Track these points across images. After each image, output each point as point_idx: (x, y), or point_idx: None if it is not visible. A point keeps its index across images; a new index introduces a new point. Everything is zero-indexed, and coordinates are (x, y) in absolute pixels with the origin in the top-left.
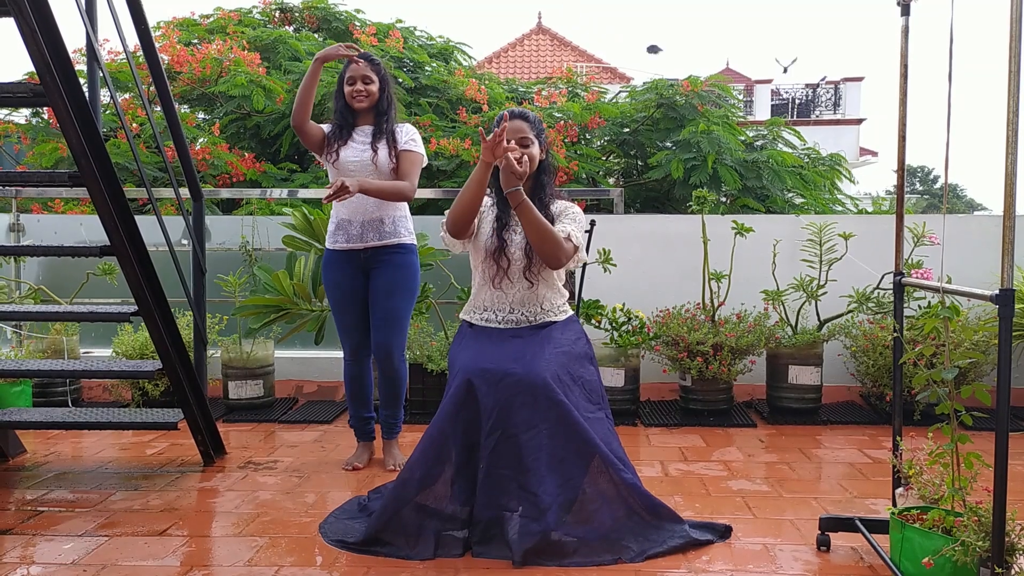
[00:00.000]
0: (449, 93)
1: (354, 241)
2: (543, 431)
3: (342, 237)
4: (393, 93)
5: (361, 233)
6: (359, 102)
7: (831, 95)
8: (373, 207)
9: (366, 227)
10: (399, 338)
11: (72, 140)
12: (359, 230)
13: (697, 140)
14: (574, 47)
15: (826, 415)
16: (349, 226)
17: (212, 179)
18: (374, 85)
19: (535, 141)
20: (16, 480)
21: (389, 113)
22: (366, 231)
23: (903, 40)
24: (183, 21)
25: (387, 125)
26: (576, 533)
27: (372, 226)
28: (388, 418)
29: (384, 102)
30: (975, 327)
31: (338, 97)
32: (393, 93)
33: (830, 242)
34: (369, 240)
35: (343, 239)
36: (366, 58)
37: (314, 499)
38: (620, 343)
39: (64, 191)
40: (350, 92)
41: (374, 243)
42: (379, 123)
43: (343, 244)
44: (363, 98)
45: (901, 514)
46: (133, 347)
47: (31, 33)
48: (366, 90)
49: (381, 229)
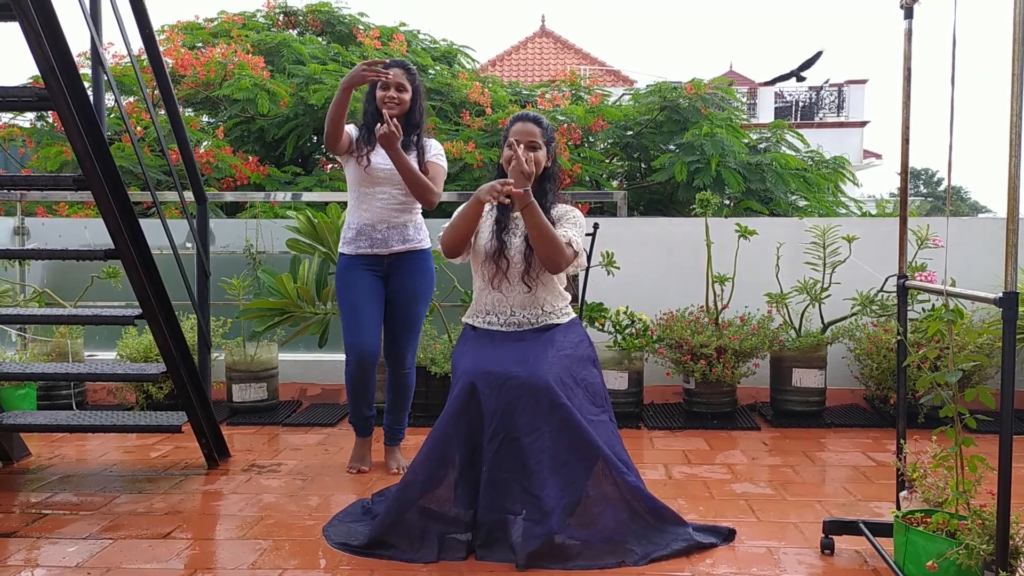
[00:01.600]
0: (452, 96)
1: (378, 246)
2: (546, 434)
3: (365, 243)
4: (425, 105)
5: (386, 238)
6: (390, 109)
7: (835, 97)
8: (397, 213)
9: (391, 232)
10: (414, 344)
11: (77, 144)
12: (384, 235)
13: (701, 143)
14: (577, 50)
15: (830, 418)
16: (373, 231)
17: (216, 182)
18: (407, 94)
19: (543, 147)
20: (20, 483)
21: (421, 125)
22: (391, 236)
23: (906, 43)
24: (187, 25)
25: (418, 138)
26: (580, 536)
27: (397, 231)
28: (392, 423)
29: (416, 113)
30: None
31: (370, 100)
32: (425, 105)
33: (834, 245)
34: (394, 245)
35: (366, 244)
36: (401, 66)
37: (318, 502)
38: (623, 346)
39: (68, 194)
40: (382, 97)
41: (399, 248)
42: (409, 133)
43: (366, 249)
44: (394, 105)
45: (905, 517)
46: (137, 350)
47: (36, 37)
48: (398, 98)
49: (405, 234)
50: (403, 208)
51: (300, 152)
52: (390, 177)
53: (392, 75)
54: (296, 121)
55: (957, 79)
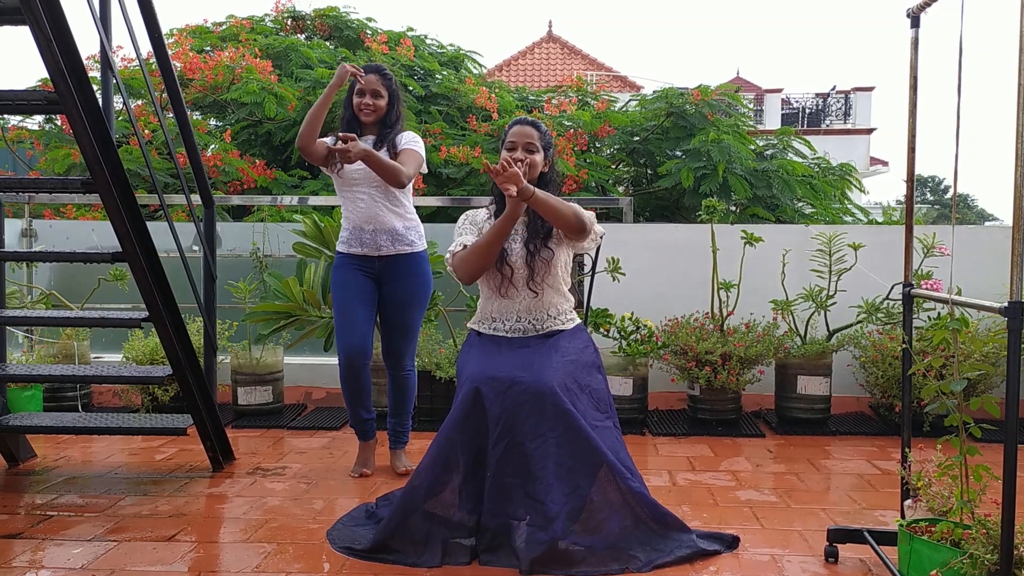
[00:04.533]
0: (459, 101)
1: (368, 248)
2: (550, 440)
3: (356, 243)
4: (402, 109)
5: (375, 241)
6: (366, 115)
7: (841, 104)
8: (387, 215)
9: (381, 235)
10: (411, 346)
11: (85, 147)
12: (373, 238)
13: (707, 149)
14: (584, 55)
15: (835, 426)
16: (362, 232)
17: (223, 186)
18: (383, 100)
19: (540, 150)
20: (26, 484)
21: (395, 127)
22: (381, 239)
23: (912, 52)
24: (196, 29)
25: (390, 136)
26: (583, 542)
27: (387, 234)
28: (396, 426)
29: (392, 116)
30: (984, 339)
31: (347, 106)
32: (402, 109)
33: (840, 252)
34: (384, 248)
35: (357, 245)
36: (377, 71)
37: (322, 506)
38: (628, 352)
39: (76, 197)
40: (358, 104)
41: (389, 251)
42: (382, 134)
43: (357, 249)
44: (370, 112)
45: (910, 526)
46: (143, 352)
47: (46, 42)
48: (374, 104)
49: (395, 237)
50: (388, 208)
51: None
52: (365, 177)
53: (368, 81)
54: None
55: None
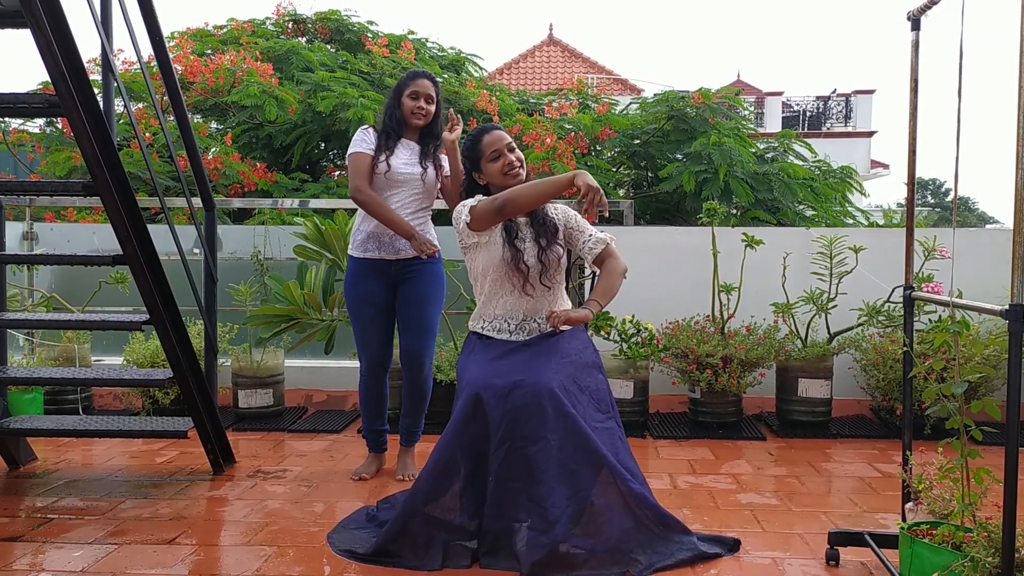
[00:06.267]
0: (460, 104)
1: (387, 251)
2: (551, 443)
3: (374, 246)
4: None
5: (394, 244)
6: (417, 119)
7: (842, 107)
8: (411, 216)
9: (399, 238)
10: (430, 346)
11: (86, 150)
12: (392, 241)
13: (708, 152)
14: (585, 58)
15: (836, 428)
16: (383, 234)
17: (224, 189)
18: (433, 106)
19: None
20: (26, 487)
21: (440, 136)
22: (400, 242)
23: (913, 54)
24: (197, 32)
25: (434, 149)
26: (584, 545)
27: None
28: (410, 426)
29: (438, 126)
30: (986, 341)
31: (394, 106)
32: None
33: (840, 255)
34: (403, 252)
35: (375, 248)
36: (430, 78)
37: (323, 509)
38: (629, 355)
39: (77, 200)
40: (412, 106)
41: (407, 254)
42: (426, 142)
43: (374, 253)
44: (422, 116)
45: (911, 529)
46: (144, 355)
47: (47, 44)
48: (427, 109)
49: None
50: (416, 212)
51: (308, 159)
52: (408, 183)
53: (423, 86)
54: (304, 128)
55: (965, 90)
